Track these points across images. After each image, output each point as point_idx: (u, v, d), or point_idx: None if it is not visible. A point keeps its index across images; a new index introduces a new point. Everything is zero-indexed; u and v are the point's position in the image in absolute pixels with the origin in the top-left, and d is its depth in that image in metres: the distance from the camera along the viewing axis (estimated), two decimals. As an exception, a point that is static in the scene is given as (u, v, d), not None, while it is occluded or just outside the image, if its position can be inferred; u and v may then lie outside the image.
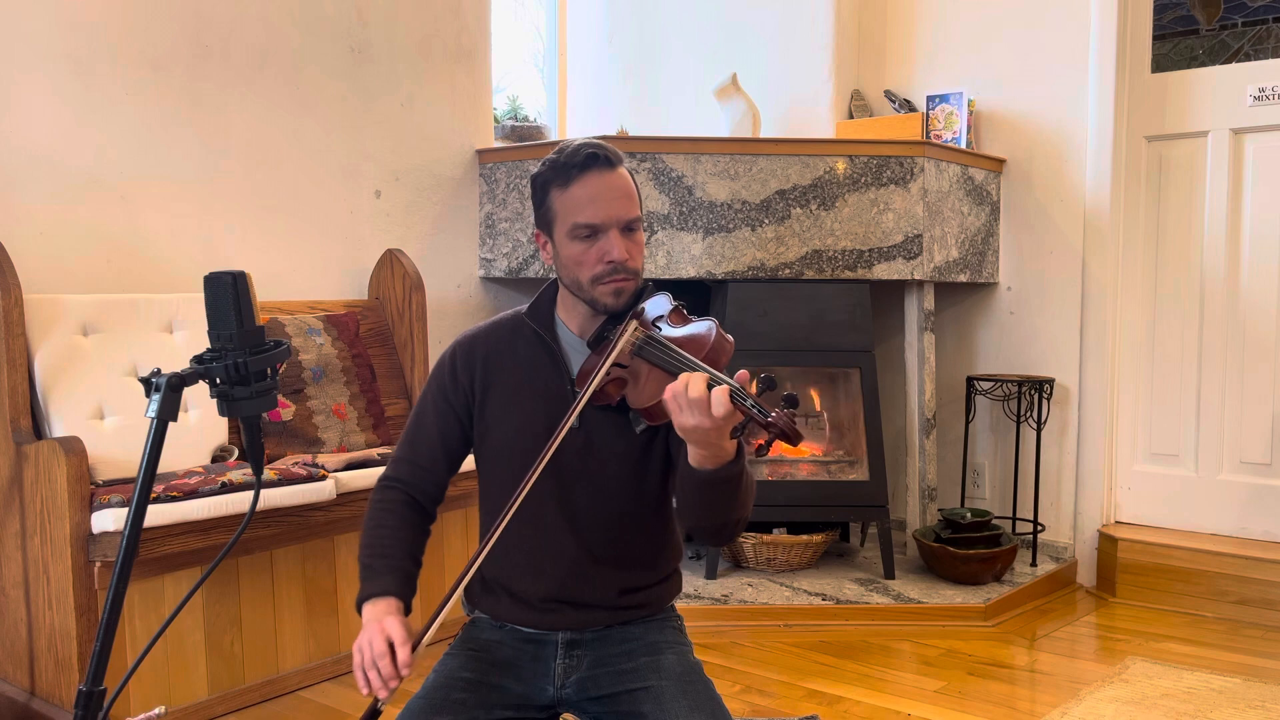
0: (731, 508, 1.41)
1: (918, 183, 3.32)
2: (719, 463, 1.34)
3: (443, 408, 1.60)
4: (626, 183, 1.53)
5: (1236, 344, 3.42)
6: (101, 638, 1.35)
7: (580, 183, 1.49)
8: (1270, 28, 3.33)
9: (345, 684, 2.64)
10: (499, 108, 3.99)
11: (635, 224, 1.52)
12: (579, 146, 1.52)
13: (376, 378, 3.08)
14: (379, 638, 1.40)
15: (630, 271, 1.50)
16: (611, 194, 1.49)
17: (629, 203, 1.51)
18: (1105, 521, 3.61)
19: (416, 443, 1.62)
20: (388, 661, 1.39)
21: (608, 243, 1.48)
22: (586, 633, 1.57)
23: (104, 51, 2.72)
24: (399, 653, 1.39)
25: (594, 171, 1.49)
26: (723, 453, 1.33)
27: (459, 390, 1.59)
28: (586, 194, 1.49)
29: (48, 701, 2.29)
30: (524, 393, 1.57)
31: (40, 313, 2.45)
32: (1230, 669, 2.79)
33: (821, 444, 3.55)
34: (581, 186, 1.49)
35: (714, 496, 1.39)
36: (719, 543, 1.50)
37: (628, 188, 1.52)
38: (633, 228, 1.51)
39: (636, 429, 1.51)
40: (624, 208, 1.50)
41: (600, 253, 1.49)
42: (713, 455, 1.33)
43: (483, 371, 1.59)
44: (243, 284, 1.40)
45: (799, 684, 2.65)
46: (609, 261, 1.48)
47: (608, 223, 1.49)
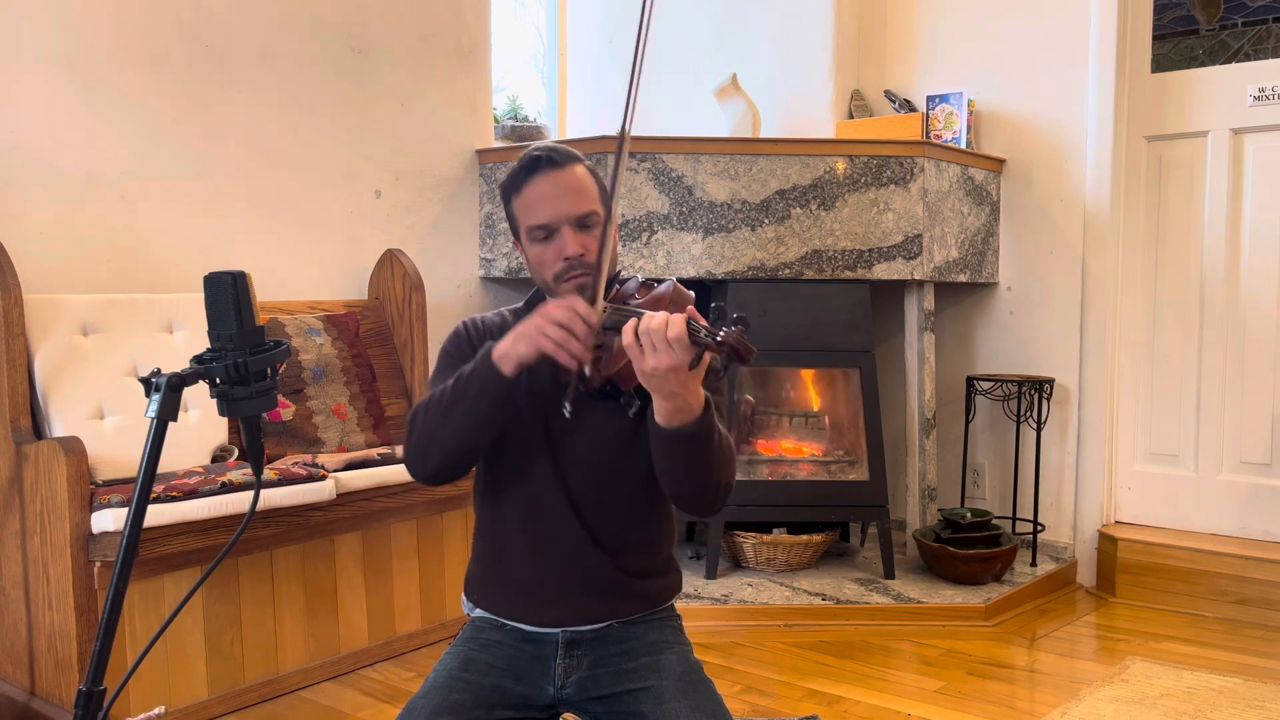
0: (708, 469, 1.42)
1: (918, 183, 3.32)
2: (685, 418, 1.36)
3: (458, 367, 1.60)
4: (577, 179, 1.53)
5: (1236, 344, 3.42)
6: (101, 638, 1.35)
7: (530, 185, 1.52)
8: (1270, 28, 3.33)
9: (345, 684, 2.64)
10: (499, 108, 3.99)
11: (589, 218, 1.51)
12: (527, 151, 1.55)
13: (376, 378, 3.08)
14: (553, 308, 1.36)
15: (588, 265, 1.50)
16: (558, 192, 1.51)
17: (579, 198, 1.51)
18: (1105, 521, 3.61)
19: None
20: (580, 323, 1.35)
21: (561, 240, 1.50)
22: (587, 632, 1.57)
23: (104, 51, 2.72)
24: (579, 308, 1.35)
25: (541, 173, 1.52)
26: (687, 406, 1.35)
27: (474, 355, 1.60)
28: (535, 195, 1.52)
29: (48, 701, 2.30)
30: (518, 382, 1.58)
31: (40, 313, 2.45)
32: (1230, 669, 2.79)
33: (821, 444, 3.55)
34: (531, 188, 1.52)
35: (686, 456, 1.41)
36: (702, 511, 1.50)
37: (578, 184, 1.52)
38: (588, 222, 1.51)
39: (629, 411, 1.52)
40: (573, 204, 1.51)
41: (557, 251, 1.51)
42: (678, 408, 1.35)
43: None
44: (243, 284, 1.40)
45: (799, 684, 2.65)
46: (565, 258, 1.50)
47: (557, 220, 1.50)
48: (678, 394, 1.33)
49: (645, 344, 1.30)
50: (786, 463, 3.45)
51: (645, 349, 1.30)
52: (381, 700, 2.54)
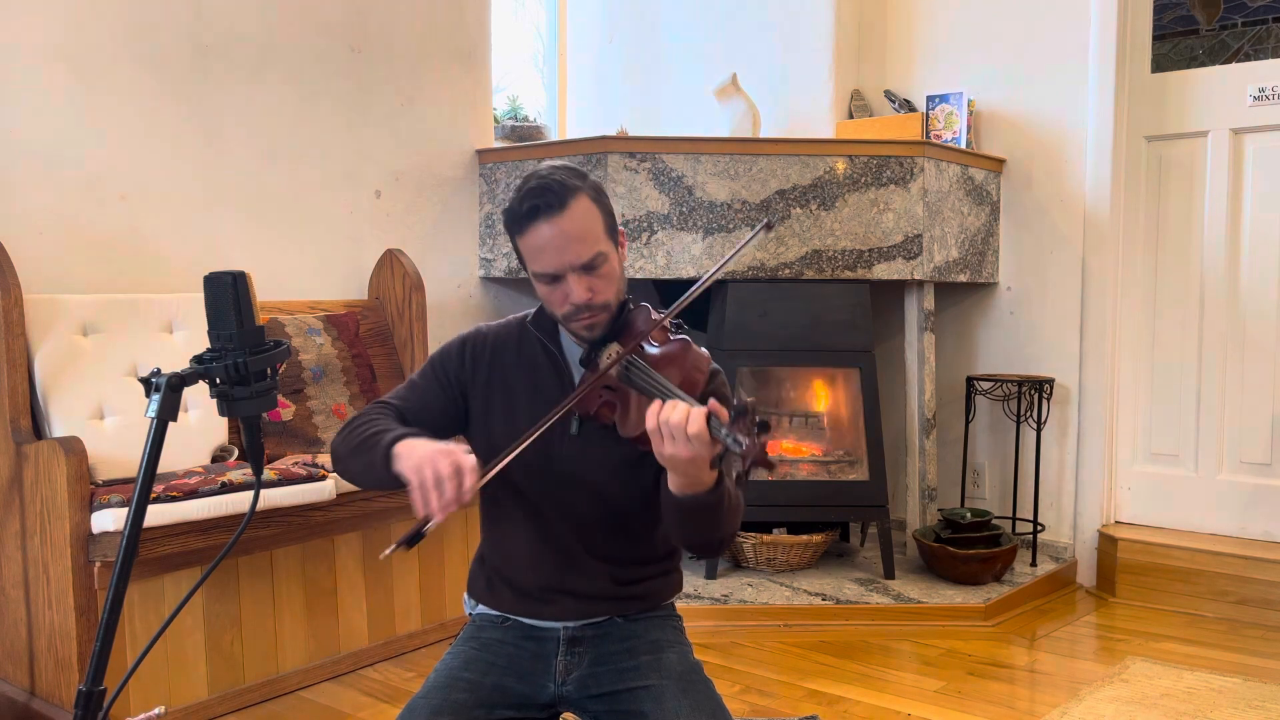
0: (715, 528, 1.43)
1: (918, 183, 3.32)
2: (698, 490, 1.36)
3: (442, 380, 1.61)
4: (577, 224, 1.46)
5: (1236, 344, 3.42)
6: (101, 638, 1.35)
7: (531, 233, 1.48)
8: (1270, 28, 3.33)
9: (345, 684, 2.64)
10: (499, 108, 3.99)
11: (595, 260, 1.47)
12: (525, 193, 1.48)
13: (376, 378, 3.08)
14: (444, 459, 1.34)
15: (597, 308, 1.49)
16: (561, 242, 1.45)
17: (581, 246, 1.46)
18: (1105, 521, 3.61)
19: (407, 396, 1.61)
20: (455, 484, 1.33)
21: (567, 287, 1.48)
22: (588, 629, 1.58)
23: (104, 51, 2.72)
24: (466, 479, 1.34)
25: (540, 222, 1.46)
26: (701, 482, 1.35)
27: (461, 375, 1.60)
28: (537, 245, 1.47)
29: (48, 701, 2.30)
30: (525, 395, 1.58)
31: (40, 313, 2.45)
32: (1230, 669, 2.79)
33: (821, 444, 3.55)
34: (533, 237, 1.47)
35: (695, 520, 1.41)
36: (706, 556, 1.52)
37: (579, 229, 1.46)
38: (593, 265, 1.47)
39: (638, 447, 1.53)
40: (576, 253, 1.46)
41: (563, 296, 1.49)
42: (691, 483, 1.35)
43: (488, 368, 1.60)
44: (243, 284, 1.40)
45: (799, 684, 2.65)
46: (572, 304, 1.49)
47: (561, 270, 1.47)
48: (691, 474, 1.34)
49: (665, 434, 1.29)
50: (786, 463, 3.45)
51: (665, 438, 1.30)
52: (381, 700, 2.54)
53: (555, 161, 3.30)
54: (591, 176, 1.56)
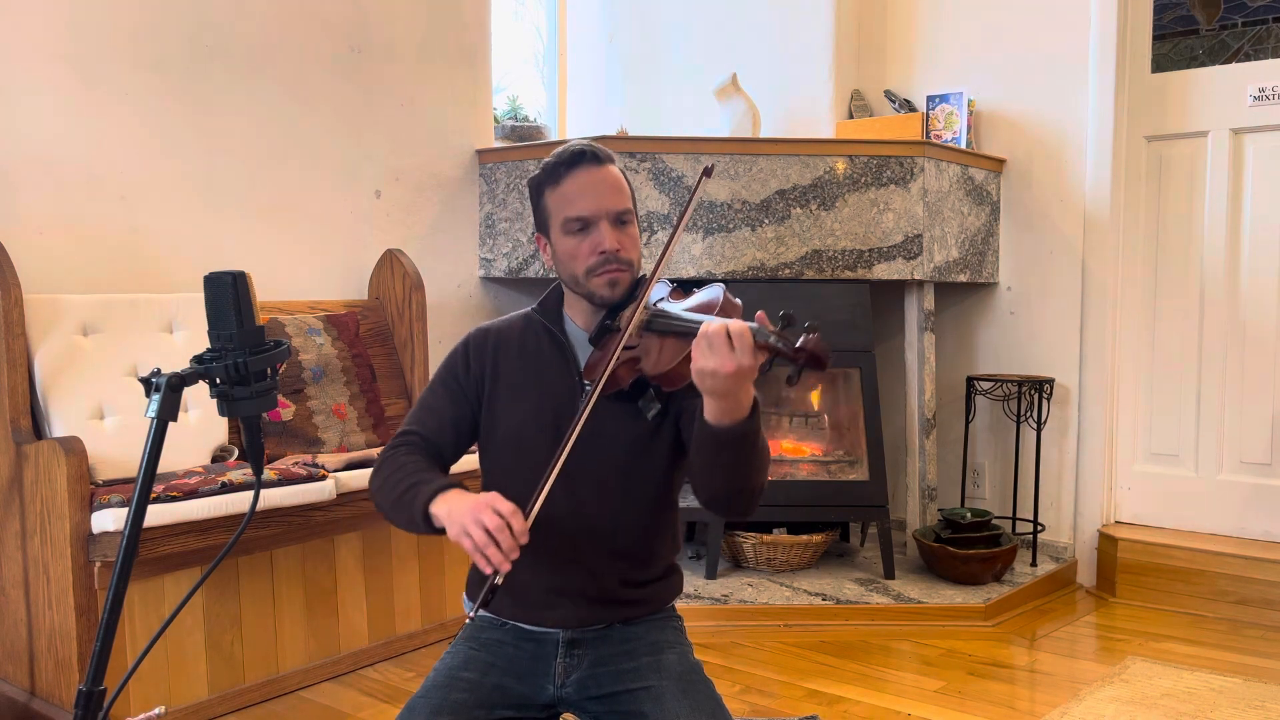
0: (748, 472, 1.42)
1: (918, 183, 3.32)
2: (735, 417, 1.35)
3: (454, 390, 1.61)
4: (617, 178, 1.56)
5: (1236, 344, 3.42)
6: (101, 638, 1.35)
7: (570, 178, 1.54)
8: (1270, 28, 3.33)
9: (345, 684, 2.64)
10: (499, 108, 3.99)
11: (627, 215, 1.55)
12: (568, 146, 1.57)
13: (376, 378, 3.08)
14: (487, 512, 1.34)
15: (624, 262, 1.53)
16: (601, 187, 1.53)
17: (619, 195, 1.54)
18: (1105, 521, 3.61)
19: (425, 420, 1.61)
20: (507, 534, 1.33)
21: (599, 234, 1.52)
22: (587, 632, 1.57)
23: (104, 51, 2.72)
24: (514, 522, 1.34)
25: (583, 167, 1.54)
26: (739, 405, 1.34)
27: (470, 378, 1.61)
28: (576, 188, 1.53)
29: (48, 701, 2.30)
30: (532, 385, 1.58)
31: (40, 313, 2.45)
32: (1230, 669, 2.79)
33: (821, 444, 3.55)
34: (571, 181, 1.53)
35: (730, 457, 1.39)
36: (736, 513, 1.49)
37: (618, 182, 1.55)
38: (625, 219, 1.55)
39: (648, 414, 1.52)
40: (613, 199, 1.53)
41: (593, 245, 1.52)
42: (730, 408, 1.34)
43: (493, 363, 1.61)
44: (243, 284, 1.40)
45: (799, 684, 2.65)
46: (601, 252, 1.51)
47: (597, 214, 1.52)
48: (732, 392, 1.33)
49: (707, 344, 1.30)
50: (786, 463, 3.45)
51: (705, 349, 1.30)
52: (381, 700, 2.54)
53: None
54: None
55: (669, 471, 1.59)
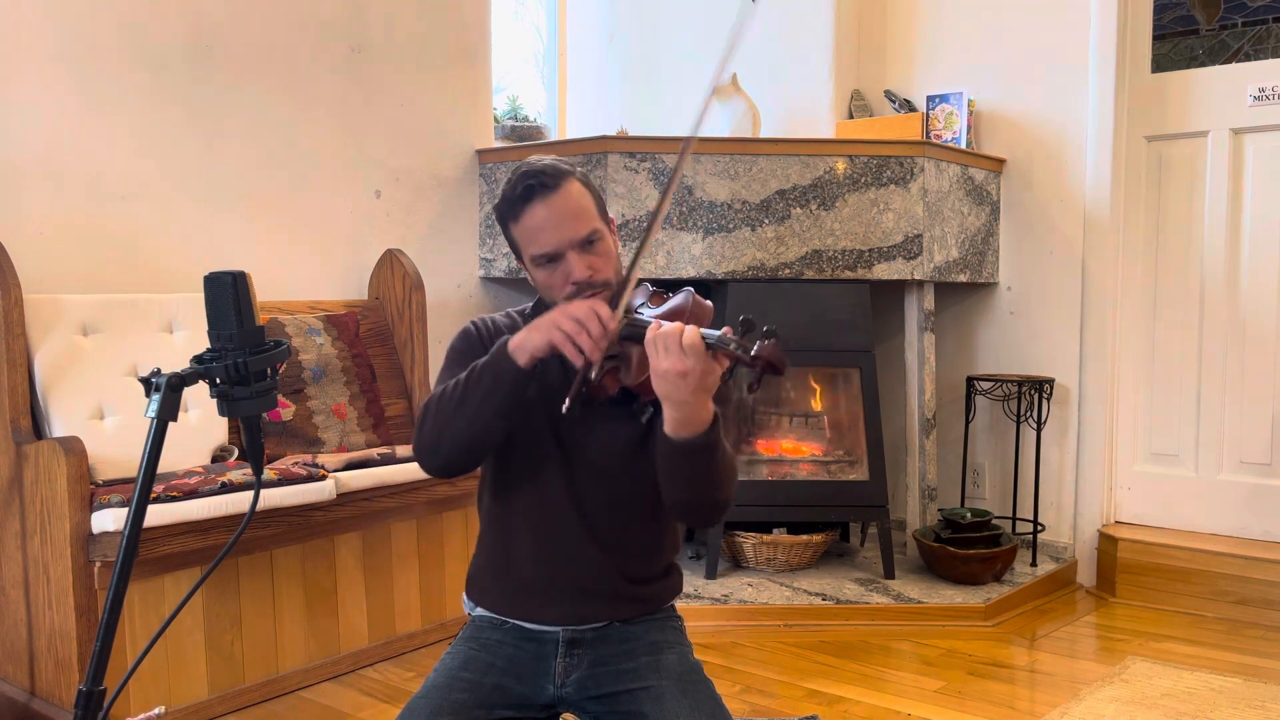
0: (709, 485, 1.43)
1: (918, 183, 3.32)
2: (693, 430, 1.36)
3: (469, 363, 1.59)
4: (574, 202, 1.50)
5: (1236, 344, 3.42)
6: (101, 638, 1.35)
7: (527, 213, 1.50)
8: (1270, 28, 3.33)
9: (345, 684, 2.64)
10: (499, 108, 3.99)
11: (594, 235, 1.51)
12: (518, 177, 1.51)
13: (376, 378, 3.08)
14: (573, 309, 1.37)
15: (599, 285, 1.50)
16: (558, 219, 1.48)
17: (578, 221, 1.49)
18: (1105, 521, 3.61)
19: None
20: (595, 322, 1.36)
21: (568, 265, 1.49)
22: (587, 631, 1.57)
23: (104, 52, 2.72)
24: (600, 310, 1.37)
25: (535, 201, 1.49)
26: (696, 418, 1.35)
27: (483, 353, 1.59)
28: (534, 225, 1.50)
29: (48, 701, 2.30)
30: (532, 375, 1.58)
31: (40, 313, 2.45)
32: (1230, 669, 2.79)
33: (821, 444, 3.55)
34: (529, 217, 1.50)
35: (688, 468, 1.41)
36: (699, 524, 1.51)
37: (576, 206, 1.50)
38: (592, 239, 1.50)
39: (641, 418, 1.52)
40: (574, 228, 1.49)
41: (564, 276, 1.50)
42: (686, 419, 1.35)
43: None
44: (243, 284, 1.40)
45: (799, 684, 2.65)
46: (574, 283, 1.50)
47: (561, 247, 1.49)
48: (687, 403, 1.33)
49: (659, 347, 1.31)
50: (786, 463, 3.45)
51: (659, 351, 1.31)
52: (381, 700, 2.54)
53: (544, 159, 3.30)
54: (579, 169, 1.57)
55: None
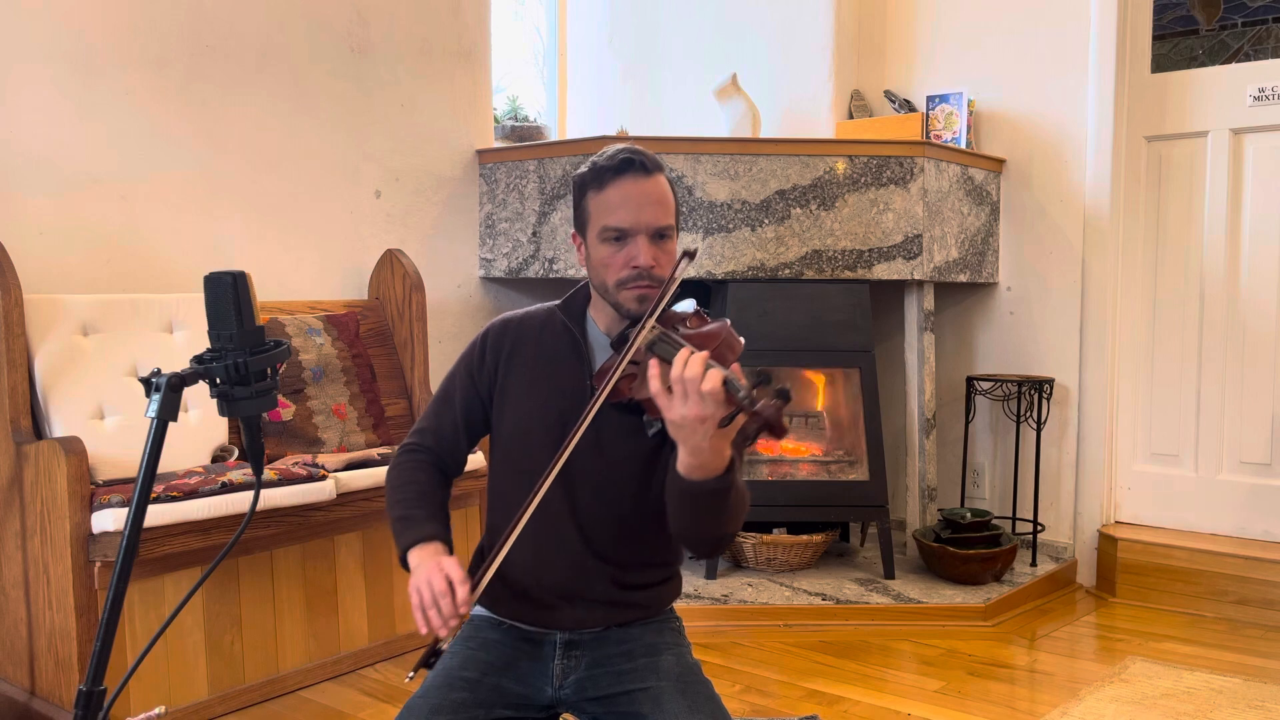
0: (719, 523, 1.42)
1: (918, 183, 3.32)
2: (706, 474, 1.35)
3: (467, 385, 1.63)
4: (662, 191, 1.51)
5: (1236, 344, 3.42)
6: (101, 638, 1.35)
7: (614, 186, 1.50)
8: (1270, 28, 3.33)
9: (345, 684, 2.64)
10: (499, 108, 3.99)
11: (668, 231, 1.51)
12: (618, 150, 1.53)
13: (376, 378, 3.08)
14: (438, 576, 1.41)
15: (656, 279, 1.49)
16: (643, 199, 1.49)
17: (662, 210, 1.50)
18: (1105, 521, 3.61)
19: (441, 415, 1.64)
20: (449, 600, 1.39)
21: (635, 248, 1.49)
22: (585, 634, 1.57)
23: (104, 51, 2.72)
24: (458, 591, 1.39)
25: (629, 176, 1.50)
26: (710, 463, 1.33)
27: (484, 371, 1.62)
28: (618, 197, 1.49)
29: (48, 701, 2.30)
30: (543, 383, 1.58)
31: (40, 313, 2.45)
32: (1230, 669, 2.79)
33: (821, 444, 3.55)
34: (615, 189, 1.50)
35: (699, 509, 1.40)
36: (704, 555, 1.52)
37: (663, 196, 1.51)
38: (665, 234, 1.51)
39: (649, 431, 1.51)
40: (655, 215, 1.49)
41: (627, 257, 1.49)
42: (701, 464, 1.34)
43: (507, 357, 1.61)
44: (243, 284, 1.40)
45: (799, 684, 2.65)
46: (634, 267, 1.48)
47: (636, 228, 1.49)
48: (702, 449, 1.32)
49: (677, 391, 1.29)
50: (786, 463, 3.45)
51: (676, 396, 1.29)
52: (381, 700, 2.54)
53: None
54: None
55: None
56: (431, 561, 1.44)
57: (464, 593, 1.39)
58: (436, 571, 1.41)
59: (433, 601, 1.39)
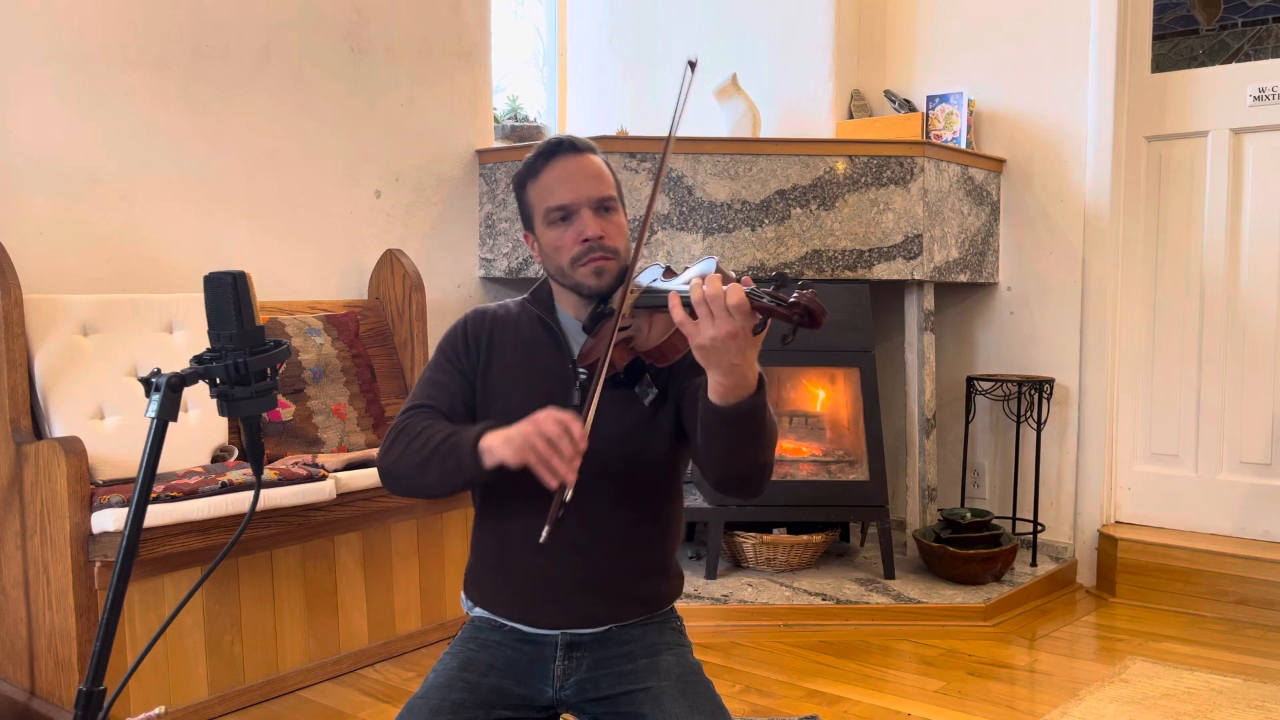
0: (757, 449, 1.39)
1: (918, 183, 3.32)
2: (742, 393, 1.32)
3: (458, 367, 1.60)
4: (597, 165, 1.55)
5: (1236, 344, 3.42)
6: (101, 638, 1.35)
7: (548, 169, 1.54)
8: (1270, 28, 3.33)
9: (345, 684, 2.64)
10: (499, 108, 3.99)
11: (610, 202, 1.54)
12: (546, 142, 1.57)
13: (376, 378, 3.08)
14: (545, 423, 1.32)
15: (608, 250, 1.51)
16: (579, 175, 1.52)
17: (598, 182, 1.53)
18: (1105, 521, 3.61)
19: (434, 395, 1.59)
20: (567, 440, 1.32)
21: (581, 222, 1.51)
22: (586, 634, 1.57)
23: (104, 51, 2.72)
24: (573, 428, 1.32)
25: (560, 157, 1.54)
26: (745, 380, 1.30)
27: (470, 354, 1.61)
28: (555, 178, 1.53)
29: (48, 701, 2.30)
30: (524, 372, 1.58)
31: (40, 313, 2.45)
32: (1230, 669, 2.79)
33: (821, 444, 3.55)
34: (549, 172, 1.54)
35: (738, 436, 1.36)
36: (746, 493, 1.45)
37: (598, 170, 1.54)
38: (608, 206, 1.53)
39: (645, 400, 1.51)
40: (593, 187, 1.52)
41: (576, 233, 1.51)
42: (736, 384, 1.30)
43: (488, 344, 1.61)
44: (243, 284, 1.40)
45: (799, 684, 2.65)
46: (584, 240, 1.50)
47: (577, 202, 1.51)
48: (737, 366, 1.29)
49: (703, 313, 1.25)
50: (786, 463, 3.45)
51: (703, 318, 1.25)
52: (381, 700, 2.54)
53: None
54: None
55: (670, 458, 1.58)
56: (519, 425, 1.35)
57: (578, 429, 1.32)
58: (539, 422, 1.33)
59: (551, 450, 1.31)
